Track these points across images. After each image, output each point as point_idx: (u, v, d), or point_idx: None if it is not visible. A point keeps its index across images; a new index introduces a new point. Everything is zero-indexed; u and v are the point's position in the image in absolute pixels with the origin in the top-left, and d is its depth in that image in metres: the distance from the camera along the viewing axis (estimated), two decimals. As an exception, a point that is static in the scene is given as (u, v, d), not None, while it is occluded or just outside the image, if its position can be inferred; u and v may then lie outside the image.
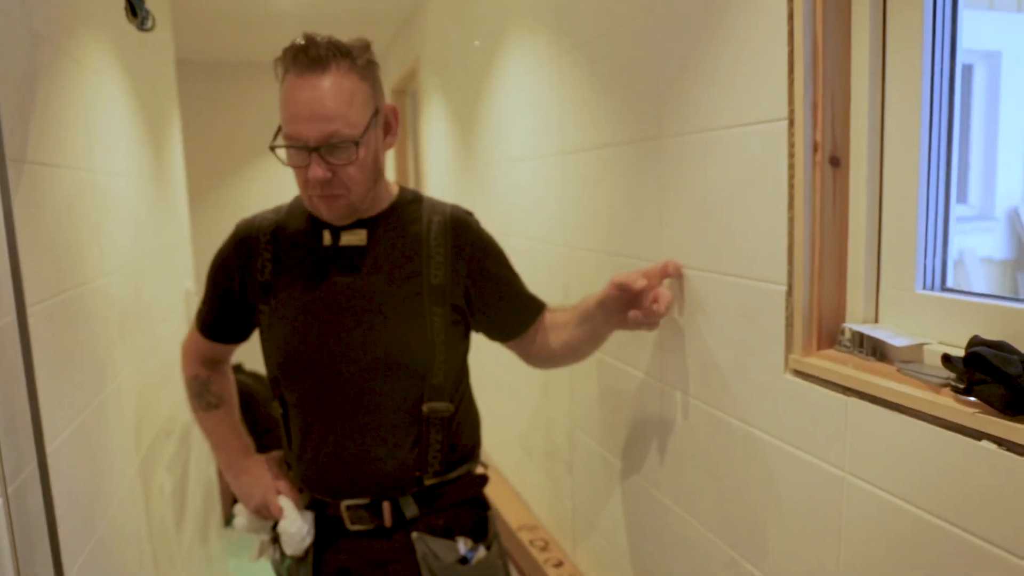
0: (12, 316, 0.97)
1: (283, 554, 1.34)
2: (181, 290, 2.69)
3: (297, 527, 1.29)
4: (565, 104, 1.83)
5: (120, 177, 1.85)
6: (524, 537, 2.14)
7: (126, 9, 1.40)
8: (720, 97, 1.18)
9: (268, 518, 1.35)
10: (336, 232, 1.28)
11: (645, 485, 1.52)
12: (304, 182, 1.19)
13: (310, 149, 1.13)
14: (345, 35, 1.21)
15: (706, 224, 1.23)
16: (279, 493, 1.33)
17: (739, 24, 1.11)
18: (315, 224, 1.29)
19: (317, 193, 1.19)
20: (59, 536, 1.02)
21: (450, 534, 1.32)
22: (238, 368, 2.80)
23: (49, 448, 1.05)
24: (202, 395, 1.41)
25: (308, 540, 1.30)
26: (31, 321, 1.02)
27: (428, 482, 1.30)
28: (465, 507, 1.36)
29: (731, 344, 1.19)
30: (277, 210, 1.36)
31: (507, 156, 2.30)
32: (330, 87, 1.12)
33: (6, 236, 0.96)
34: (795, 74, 1.01)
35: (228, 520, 3.54)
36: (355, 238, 1.27)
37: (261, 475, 1.36)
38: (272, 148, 1.17)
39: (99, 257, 1.56)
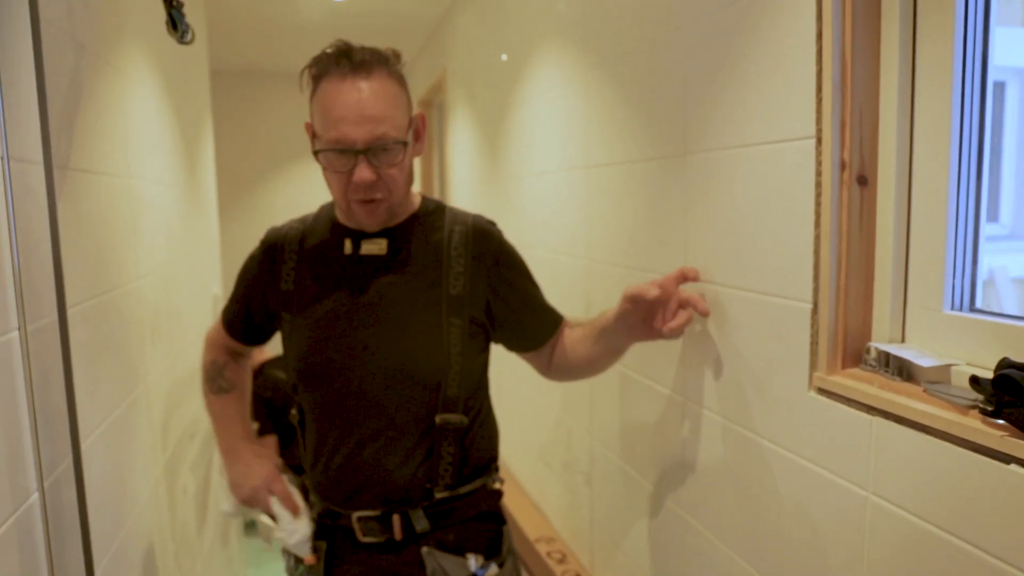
0: (53, 316, 1.00)
1: (297, 560, 1.34)
2: (209, 295, 2.73)
3: (296, 538, 1.28)
4: (591, 119, 1.84)
5: (154, 184, 1.90)
6: (541, 549, 2.14)
7: (167, 23, 1.44)
8: (746, 115, 1.18)
9: (253, 509, 1.34)
10: (357, 241, 1.28)
11: (666, 500, 1.52)
12: (345, 187, 1.18)
13: (357, 152, 1.13)
14: (372, 44, 1.22)
15: (731, 241, 1.24)
16: (272, 494, 1.32)
17: (767, 44, 1.12)
18: (337, 233, 1.30)
19: (359, 197, 1.18)
20: (90, 530, 1.04)
21: (461, 550, 1.30)
22: (274, 362, 2.83)
23: (83, 445, 1.07)
24: (215, 379, 1.42)
25: (308, 543, 1.30)
26: (70, 322, 1.06)
27: (439, 495, 1.28)
28: (478, 522, 1.34)
29: (755, 361, 1.19)
30: (303, 220, 1.37)
31: (532, 169, 2.32)
32: (376, 90, 1.12)
33: (51, 240, 1.00)
34: (823, 93, 1.02)
35: (247, 526, 3.58)
36: (375, 247, 1.27)
37: (256, 467, 1.35)
38: (315, 153, 1.17)
39: (133, 261, 1.60)
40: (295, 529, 1.29)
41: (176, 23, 1.44)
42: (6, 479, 0.86)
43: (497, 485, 1.39)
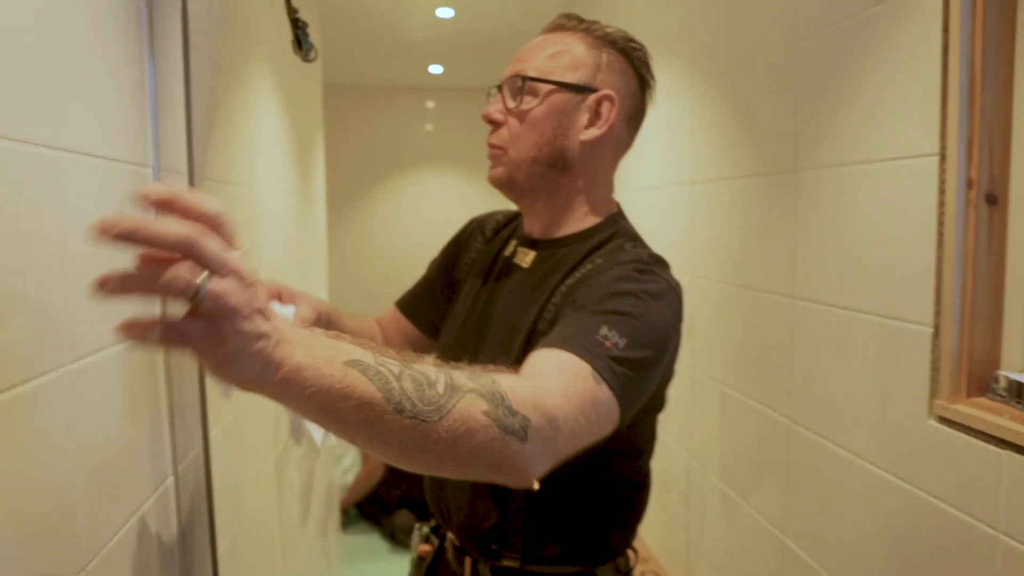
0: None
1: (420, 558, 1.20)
2: (316, 299, 2.87)
3: None
4: (696, 134, 1.82)
5: (272, 192, 2.02)
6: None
7: (293, 42, 1.53)
8: (863, 131, 1.15)
9: None
10: (518, 246, 1.10)
11: (767, 525, 1.47)
12: None
13: (499, 89, 1.04)
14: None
15: (844, 260, 1.20)
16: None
17: (887, 57, 1.09)
18: (514, 232, 1.13)
19: (488, 140, 1.05)
20: (215, 513, 1.12)
21: None
22: None
23: (211, 434, 1.16)
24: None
25: None
26: (203, 320, 1.14)
27: (506, 563, 1.04)
28: None
29: (868, 385, 1.14)
30: (508, 212, 1.21)
31: (634, 184, 2.32)
32: (544, 40, 1.03)
33: (191, 243, 1.08)
34: (948, 108, 0.98)
35: (345, 524, 3.71)
36: (524, 258, 1.06)
37: None
38: (488, 92, 1.09)
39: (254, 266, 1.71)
40: None
41: (302, 42, 1.53)
42: (148, 462, 0.94)
43: None
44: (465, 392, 0.64)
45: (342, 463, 4.21)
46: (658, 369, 0.88)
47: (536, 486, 0.92)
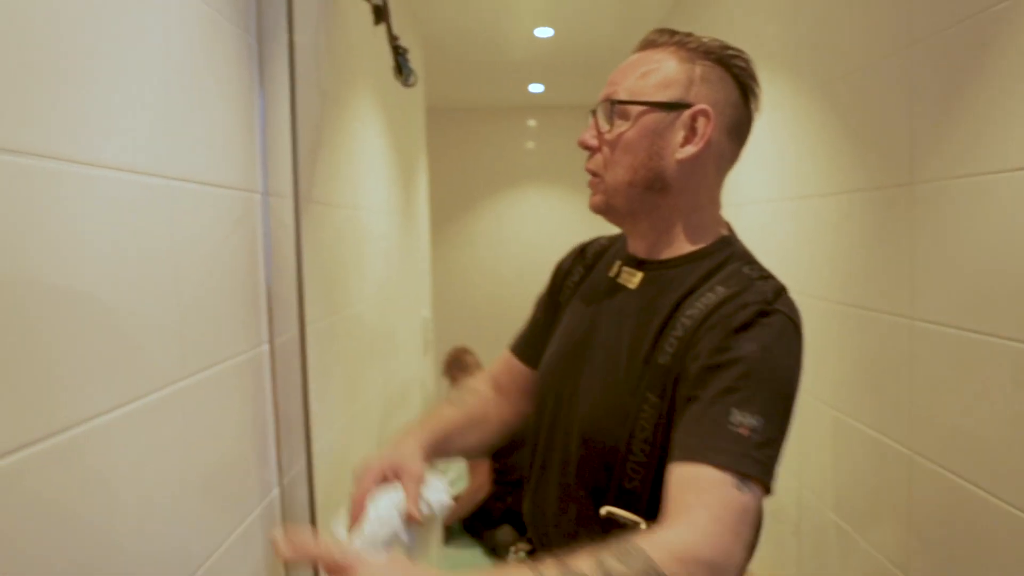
0: (295, 332, 1.13)
1: None
2: (419, 318, 2.94)
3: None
4: (801, 148, 1.74)
5: (376, 213, 2.09)
6: (738, 598, 2.02)
7: (394, 68, 1.59)
8: (991, 138, 1.06)
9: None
10: (622, 266, 1.06)
11: (888, 565, 1.37)
12: None
13: (593, 114, 1.03)
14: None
15: (972, 279, 1.10)
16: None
17: (1019, 56, 1.00)
18: (618, 253, 1.10)
19: (585, 166, 1.04)
20: (317, 527, 1.15)
21: None
22: None
23: (314, 449, 1.20)
24: (454, 398, 1.17)
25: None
26: (307, 339, 1.19)
27: None
28: None
29: (1003, 416, 1.04)
30: (614, 236, 1.17)
31: (736, 200, 2.24)
32: (638, 58, 1.01)
33: (296, 265, 1.13)
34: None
35: (447, 538, 3.75)
36: (631, 279, 1.03)
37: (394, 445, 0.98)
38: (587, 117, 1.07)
39: (358, 286, 1.77)
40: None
41: (402, 68, 1.58)
42: (256, 474, 0.99)
43: None
44: None
45: (446, 477, 4.26)
46: (791, 418, 0.86)
47: (644, 526, 0.93)
